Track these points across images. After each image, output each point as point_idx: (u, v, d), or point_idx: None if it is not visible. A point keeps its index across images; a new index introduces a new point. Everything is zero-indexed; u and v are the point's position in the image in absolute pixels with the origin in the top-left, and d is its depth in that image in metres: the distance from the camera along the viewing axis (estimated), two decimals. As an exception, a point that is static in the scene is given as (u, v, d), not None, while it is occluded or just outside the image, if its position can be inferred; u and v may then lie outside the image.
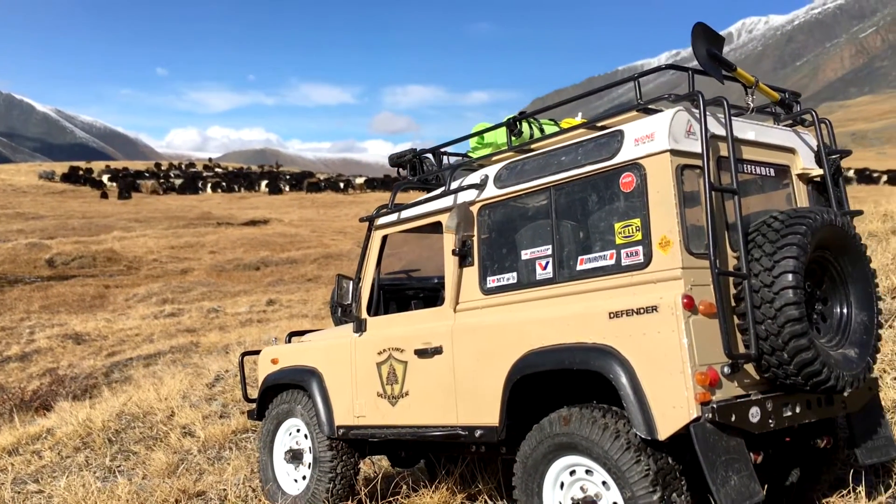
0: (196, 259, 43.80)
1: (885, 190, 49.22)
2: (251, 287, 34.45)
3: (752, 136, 4.01)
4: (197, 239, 49.30)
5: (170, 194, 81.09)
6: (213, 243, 47.90)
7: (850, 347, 3.74)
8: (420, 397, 4.64)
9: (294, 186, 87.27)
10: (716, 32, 3.93)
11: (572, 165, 3.95)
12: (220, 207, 69.15)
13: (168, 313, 27.19)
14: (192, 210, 65.23)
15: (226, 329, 23.28)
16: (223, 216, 61.35)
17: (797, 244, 3.47)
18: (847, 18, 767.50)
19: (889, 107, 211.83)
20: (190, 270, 40.77)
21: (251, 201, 77.00)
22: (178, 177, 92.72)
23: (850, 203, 4.31)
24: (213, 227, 54.80)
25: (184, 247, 47.08)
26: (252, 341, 16.30)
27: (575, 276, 3.90)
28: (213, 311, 27.07)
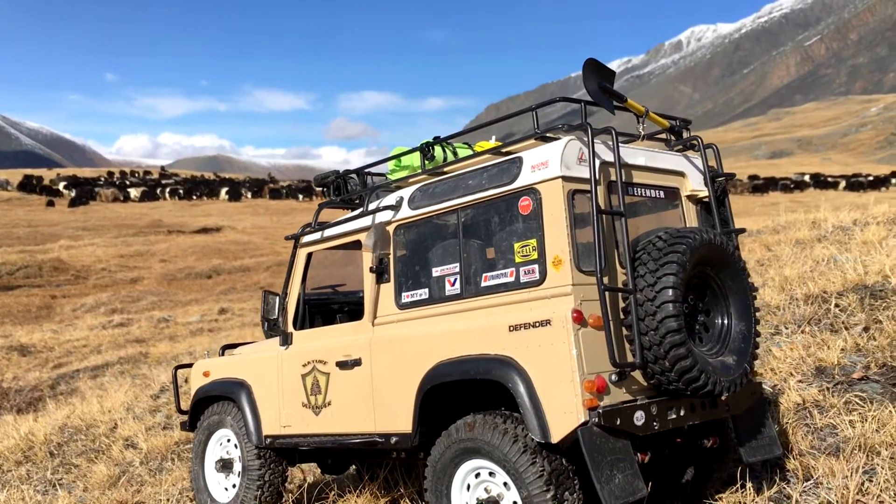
0: (146, 268, 43.32)
1: (846, 197, 50.52)
2: (203, 296, 34.23)
3: (643, 161, 4.38)
4: (147, 247, 48.75)
5: (129, 202, 79.78)
6: (163, 251, 47.41)
7: (730, 355, 4.11)
8: (341, 407, 4.93)
9: (256, 193, 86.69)
10: (606, 67, 4.27)
11: (478, 189, 4.27)
12: (171, 215, 68.35)
13: (117, 323, 26.92)
14: (143, 218, 64.41)
15: (176, 339, 23.16)
16: (174, 224, 60.70)
17: (677, 262, 3.82)
18: (792, 27, 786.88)
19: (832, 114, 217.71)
20: (140, 279, 40.31)
21: (203, 208, 76.24)
22: (135, 184, 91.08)
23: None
24: (164, 235, 54.22)
25: (133, 255, 46.52)
26: (202, 351, 16.33)
27: (480, 292, 4.23)
28: (163, 320, 26.87)
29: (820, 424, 5.09)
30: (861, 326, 6.67)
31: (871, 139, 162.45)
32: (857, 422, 4.91)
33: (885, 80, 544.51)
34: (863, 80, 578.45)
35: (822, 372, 5.81)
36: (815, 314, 7.27)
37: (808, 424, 5.15)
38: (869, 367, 5.74)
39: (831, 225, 12.29)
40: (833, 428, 5.02)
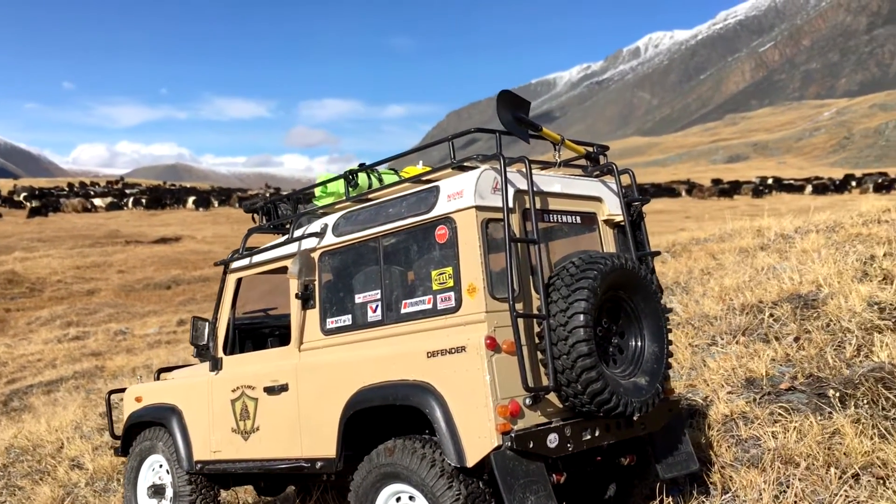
0: (103, 279, 42.67)
1: (803, 200, 50.98)
2: (161, 307, 33.81)
3: (559, 188, 4.52)
4: (104, 258, 48.00)
5: (94, 212, 78.28)
6: (121, 262, 46.71)
7: (642, 376, 4.26)
8: (269, 432, 5.00)
9: (224, 202, 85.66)
10: (520, 98, 4.42)
11: (397, 217, 4.39)
12: (129, 225, 67.38)
13: (72, 336, 26.50)
14: (100, 228, 63.39)
15: (133, 352, 22.90)
16: (133, 234, 59.84)
17: (588, 288, 3.96)
18: (747, 33, 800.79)
19: (787, 118, 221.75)
20: (97, 291, 39.71)
21: (162, 218, 75.25)
22: (100, 194, 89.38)
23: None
24: (122, 246, 53.41)
25: (90, 266, 45.79)
26: (159, 363, 16.21)
27: (400, 319, 4.34)
28: (120, 333, 26.51)
29: (745, 436, 5.27)
30: (792, 336, 6.88)
31: (825, 143, 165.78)
32: (779, 433, 5.09)
33: (838, 86, 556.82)
34: (816, 85, 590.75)
35: (752, 383, 6.00)
36: (749, 324, 7.48)
37: (733, 436, 5.33)
38: (796, 377, 5.94)
39: (774, 233, 12.59)
40: (756, 440, 5.20)
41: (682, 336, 7.58)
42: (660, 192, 67.31)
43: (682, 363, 6.95)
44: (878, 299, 6.97)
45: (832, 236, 11.13)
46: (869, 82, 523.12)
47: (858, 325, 6.55)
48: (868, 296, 7.08)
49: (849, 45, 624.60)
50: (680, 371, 6.80)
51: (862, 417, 5.03)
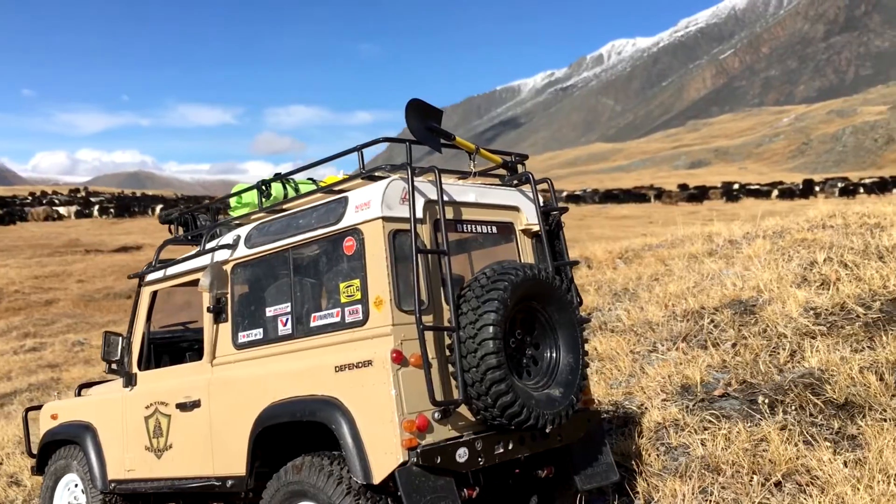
0: (62, 289, 41.88)
1: (762, 205, 51.52)
2: (121, 317, 33.21)
3: (473, 197, 4.48)
4: (63, 268, 47.14)
5: (61, 220, 76.68)
6: (81, 272, 45.90)
7: (556, 387, 4.22)
8: (182, 450, 4.90)
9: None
10: (432, 106, 4.37)
11: (307, 228, 4.32)
12: (89, 234, 66.28)
13: (29, 348, 25.93)
14: (59, 237, 62.27)
15: (91, 363, 22.47)
16: (93, 243, 58.85)
17: (498, 299, 3.92)
18: (707, 41, 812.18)
19: (747, 124, 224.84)
20: (55, 301, 38.96)
21: (124, 226, 74.10)
22: (65, 203, 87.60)
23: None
24: (82, 255, 52.50)
25: (49, 276, 44.92)
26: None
27: (310, 332, 4.27)
28: (78, 343, 26.01)
29: (675, 444, 5.28)
30: (731, 342, 6.93)
31: (784, 148, 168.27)
32: (707, 441, 5.11)
33: (796, 92, 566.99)
34: (775, 91, 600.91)
35: (687, 390, 6.03)
36: (690, 331, 7.53)
37: (664, 444, 5.34)
38: (730, 384, 5.97)
39: (723, 239, 12.71)
40: (686, 447, 5.21)
41: (623, 343, 7.61)
42: (629, 197, 67.86)
43: (623, 370, 6.97)
44: (815, 304, 7.05)
45: (778, 242, 11.24)
46: (826, 89, 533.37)
47: (794, 331, 6.62)
48: (805, 301, 7.16)
49: (807, 53, 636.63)
50: (619, 379, 6.82)
51: (789, 424, 5.07)
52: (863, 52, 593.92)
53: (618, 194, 68.88)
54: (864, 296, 6.95)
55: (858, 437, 4.80)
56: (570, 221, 30.22)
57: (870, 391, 5.12)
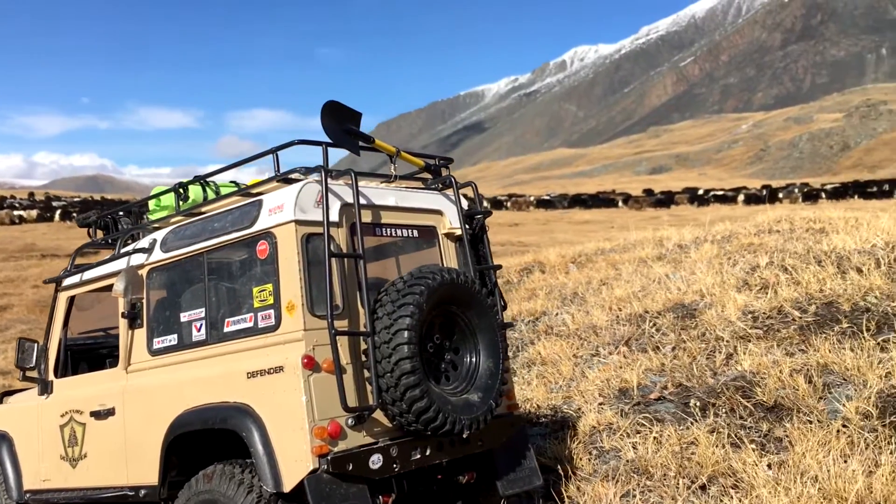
0: (17, 294, 40.95)
1: (721, 211, 52.09)
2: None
3: (393, 201, 4.45)
4: (18, 273, 46.04)
5: (20, 225, 74.74)
6: (36, 277, 44.82)
7: (475, 392, 4.19)
8: (96, 459, 4.80)
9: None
10: (351, 109, 4.32)
11: (222, 232, 4.25)
12: (45, 238, 64.84)
13: (-21, 355, 25.39)
14: (14, 242, 60.82)
15: (40, 371, 22.05)
16: (49, 247, 57.59)
17: (413, 304, 3.89)
18: (668, 48, 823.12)
19: (707, 131, 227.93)
20: (9, 307, 38.09)
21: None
22: (27, 206, 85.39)
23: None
24: (38, 260, 51.32)
25: (3, 281, 43.84)
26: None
27: (223, 338, 4.20)
28: (30, 351, 25.48)
29: (607, 448, 5.30)
30: (671, 346, 6.98)
31: (743, 155, 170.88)
32: (639, 444, 5.13)
33: (754, 99, 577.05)
34: (734, 98, 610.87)
35: (624, 393, 6.05)
36: (633, 334, 7.57)
37: (596, 448, 5.35)
38: (666, 387, 6.01)
39: (673, 243, 12.83)
40: (617, 451, 5.23)
41: (567, 347, 7.62)
42: (598, 202, 68.34)
43: (564, 375, 6.98)
44: (753, 308, 7.13)
45: (725, 246, 11.37)
46: (784, 96, 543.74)
47: (731, 334, 6.69)
48: (744, 305, 7.24)
49: (764, 61, 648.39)
50: (560, 383, 6.83)
51: (719, 427, 5.11)
52: (819, 61, 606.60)
53: (586, 199, 69.38)
54: (801, 299, 7.05)
55: (784, 440, 4.85)
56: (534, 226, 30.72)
57: (798, 394, 5.18)
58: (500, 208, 67.27)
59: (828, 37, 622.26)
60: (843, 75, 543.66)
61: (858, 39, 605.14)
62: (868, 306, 6.51)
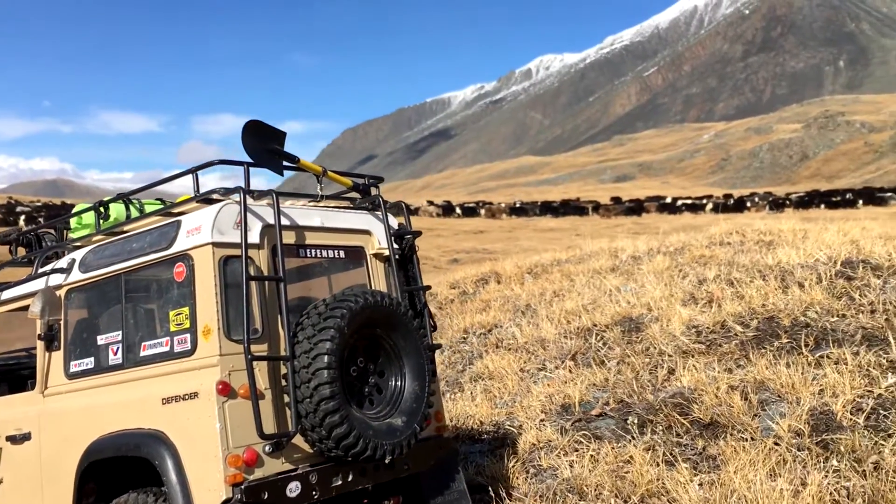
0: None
1: (682, 219, 52.44)
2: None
3: (319, 221, 4.38)
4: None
5: None
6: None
7: (399, 416, 4.15)
8: (13, 485, 4.67)
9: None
10: (273, 128, 4.25)
11: (140, 253, 4.16)
12: None
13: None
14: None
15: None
16: (2, 254, 56.62)
17: (334, 328, 3.83)
18: (632, 58, 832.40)
19: (670, 140, 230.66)
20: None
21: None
22: None
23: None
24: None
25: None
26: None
27: (139, 362, 4.11)
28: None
29: (545, 466, 5.28)
30: (616, 360, 7.00)
31: (705, 164, 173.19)
32: (576, 462, 5.12)
33: (716, 109, 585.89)
34: (696, 108, 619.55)
35: (566, 409, 6.05)
36: (580, 348, 7.58)
37: (534, 466, 5.33)
38: (608, 403, 6.02)
39: (627, 255, 12.90)
40: (554, 469, 5.21)
41: (514, 361, 7.61)
42: (569, 210, 68.84)
43: (509, 390, 6.96)
44: (697, 323, 7.18)
45: (678, 258, 11.46)
46: (744, 107, 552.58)
47: (675, 349, 6.73)
48: (688, 319, 7.29)
49: (726, 72, 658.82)
50: (504, 398, 6.81)
51: (656, 444, 5.12)
52: (779, 72, 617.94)
53: (558, 207, 69.88)
54: (744, 314, 7.11)
55: (718, 458, 4.88)
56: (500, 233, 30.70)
57: (733, 411, 5.21)
58: (474, 215, 67.63)
59: (787, 49, 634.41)
60: (802, 87, 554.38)
61: (817, 52, 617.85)
62: (808, 322, 6.59)
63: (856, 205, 60.62)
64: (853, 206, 59.14)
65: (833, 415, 4.91)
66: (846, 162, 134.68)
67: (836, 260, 8.10)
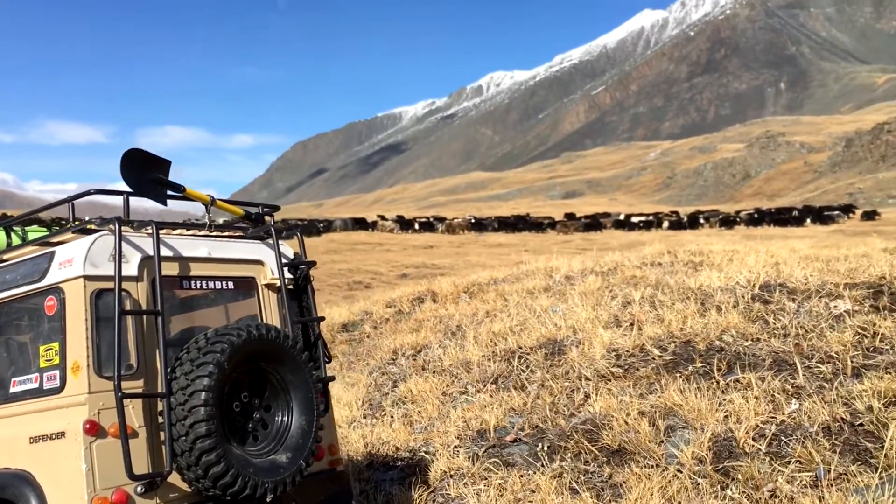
0: None
1: (629, 236, 53.13)
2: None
3: (206, 252, 4.27)
4: None
5: None
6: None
7: (284, 452, 4.05)
8: None
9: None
10: (156, 157, 4.13)
11: (13, 284, 4.03)
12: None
13: None
14: None
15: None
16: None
17: (213, 363, 3.73)
18: (581, 77, 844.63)
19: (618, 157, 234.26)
20: None
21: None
22: None
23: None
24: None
25: None
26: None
27: (9, 399, 3.98)
28: None
29: (453, 495, 5.24)
30: (537, 384, 7.01)
31: (652, 181, 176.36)
32: (483, 491, 5.09)
33: (662, 128, 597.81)
34: (643, 127, 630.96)
35: (482, 435, 6.02)
36: (503, 371, 7.57)
37: (443, 495, 5.29)
38: (523, 428, 6.01)
39: (561, 274, 12.97)
40: (462, 499, 5.18)
41: (437, 385, 7.56)
42: (526, 225, 69.51)
43: (429, 414, 6.91)
44: (618, 346, 7.22)
45: (610, 278, 11.54)
46: (689, 126, 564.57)
47: (594, 373, 6.75)
48: (609, 343, 7.33)
49: (672, 92, 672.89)
50: (424, 423, 6.75)
51: (564, 471, 5.12)
52: (722, 93, 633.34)
53: (515, 222, 70.54)
54: (663, 338, 7.19)
55: (622, 486, 4.90)
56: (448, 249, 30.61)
57: (641, 437, 5.25)
58: (433, 230, 67.80)
59: (731, 70, 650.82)
60: (744, 107, 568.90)
61: (759, 73, 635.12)
62: (722, 346, 6.68)
63: (803, 223, 62.40)
64: (801, 224, 60.87)
65: (736, 441, 4.98)
66: (787, 181, 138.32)
67: (754, 283, 8.25)
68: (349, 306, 16.55)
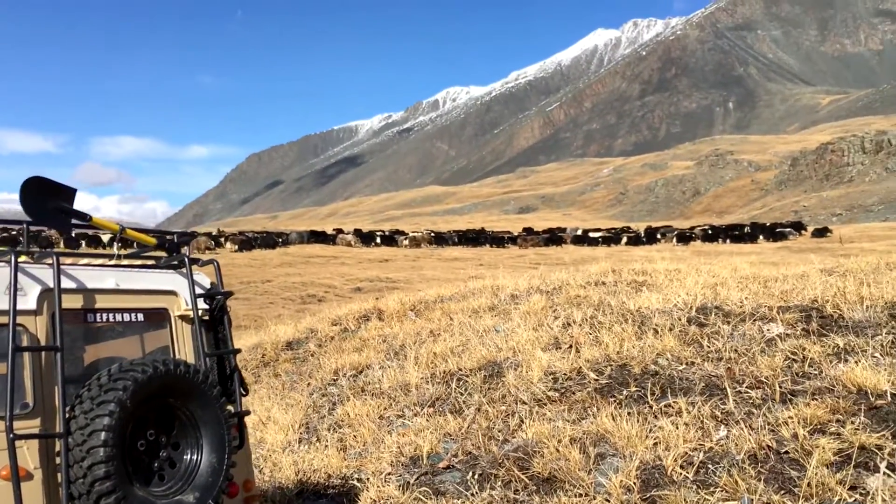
0: None
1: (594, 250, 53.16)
2: None
3: (113, 283, 4.14)
4: None
5: None
6: None
7: (192, 492, 3.91)
8: None
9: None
10: (61, 185, 3.99)
11: None
12: None
13: None
14: None
15: None
16: None
17: (114, 401, 3.58)
18: (536, 93, 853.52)
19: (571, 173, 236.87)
20: None
21: None
22: None
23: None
24: None
25: None
26: None
27: None
28: None
29: (379, 525, 5.15)
30: (474, 408, 6.95)
31: (604, 197, 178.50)
32: (411, 521, 5.02)
33: (615, 145, 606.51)
34: (596, 143, 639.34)
35: (415, 462, 5.94)
36: (441, 394, 7.51)
37: (368, 526, 5.20)
38: (457, 454, 5.94)
39: (507, 293, 12.96)
40: (389, 529, 5.10)
41: (374, 408, 7.47)
42: (487, 239, 70.00)
43: (364, 439, 6.81)
44: (555, 369, 7.21)
45: (554, 298, 11.55)
46: (641, 143, 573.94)
47: (531, 397, 6.72)
48: (547, 366, 7.32)
49: (624, 109, 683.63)
50: (358, 448, 6.65)
51: (494, 500, 5.07)
52: (673, 112, 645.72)
53: (476, 237, 70.90)
54: (600, 361, 7.20)
55: (550, 516, 4.85)
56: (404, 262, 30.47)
57: (570, 465, 5.22)
58: (393, 244, 67.60)
59: (681, 90, 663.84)
60: (694, 126, 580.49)
61: (708, 93, 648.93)
62: (657, 370, 6.71)
63: (756, 239, 63.69)
64: (754, 241, 62.13)
65: (664, 469, 4.98)
66: (735, 198, 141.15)
67: (691, 306, 8.33)
68: (296, 323, 16.35)
